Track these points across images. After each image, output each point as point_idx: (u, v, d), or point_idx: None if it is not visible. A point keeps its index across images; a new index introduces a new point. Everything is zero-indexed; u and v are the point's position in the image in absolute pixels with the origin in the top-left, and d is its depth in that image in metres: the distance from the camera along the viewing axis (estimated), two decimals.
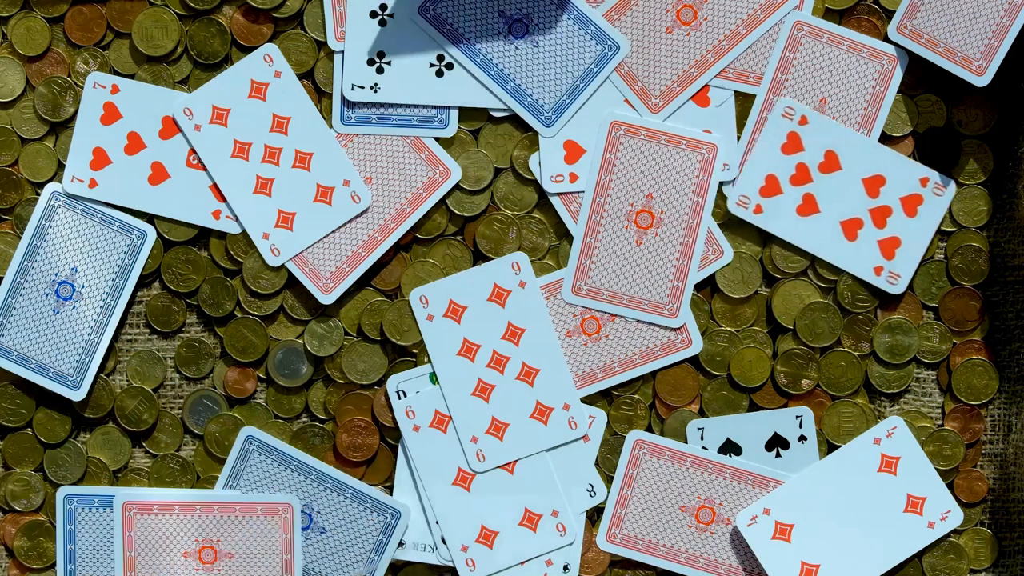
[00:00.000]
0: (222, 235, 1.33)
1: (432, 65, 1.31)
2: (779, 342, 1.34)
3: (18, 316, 1.32)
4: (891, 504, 1.32)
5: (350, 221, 1.32)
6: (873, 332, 1.33)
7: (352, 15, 1.31)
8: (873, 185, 1.31)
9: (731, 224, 1.33)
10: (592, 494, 1.33)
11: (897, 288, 1.32)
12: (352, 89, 1.31)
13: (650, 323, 1.32)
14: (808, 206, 1.31)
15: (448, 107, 1.32)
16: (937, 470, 1.32)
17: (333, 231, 1.32)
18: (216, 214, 1.33)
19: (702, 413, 1.34)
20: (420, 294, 1.32)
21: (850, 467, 1.32)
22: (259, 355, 1.34)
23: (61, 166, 1.33)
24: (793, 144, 1.30)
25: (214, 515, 1.33)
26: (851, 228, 1.31)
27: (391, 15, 1.31)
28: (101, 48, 1.33)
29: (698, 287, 1.33)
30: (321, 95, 1.33)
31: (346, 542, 1.34)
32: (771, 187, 1.31)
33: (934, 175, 1.31)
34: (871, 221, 1.31)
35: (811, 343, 1.33)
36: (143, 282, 1.35)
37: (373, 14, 1.31)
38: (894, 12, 1.30)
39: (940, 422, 1.35)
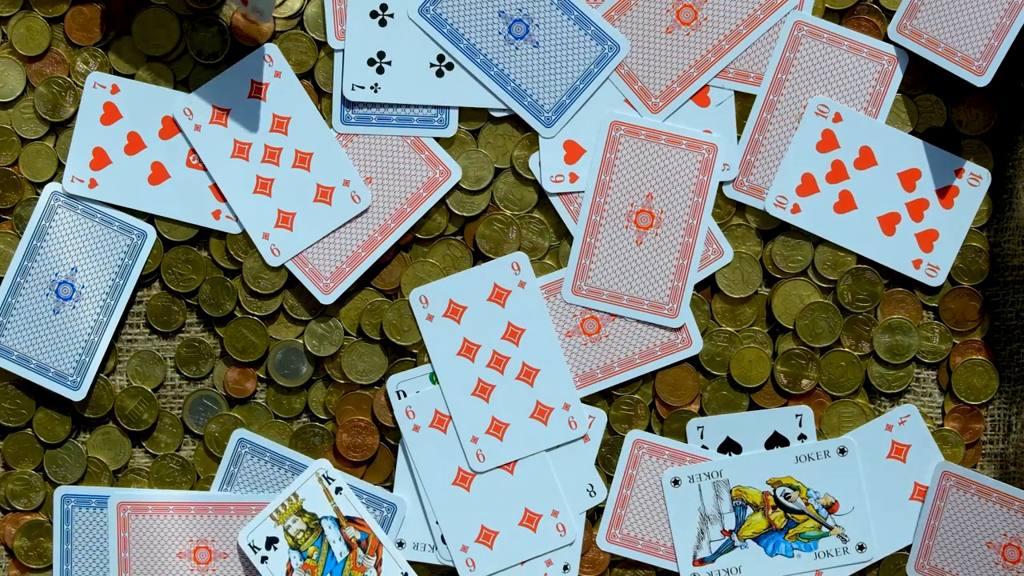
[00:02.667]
0: (222, 235, 1.33)
1: (432, 65, 1.31)
2: (779, 342, 1.34)
3: (18, 316, 1.32)
4: (897, 490, 1.32)
5: (350, 221, 1.32)
6: (873, 332, 1.33)
7: (352, 15, 1.31)
8: (909, 179, 1.31)
9: (730, 224, 1.33)
10: (592, 494, 1.33)
11: (936, 280, 1.32)
12: (352, 89, 1.31)
13: (650, 323, 1.32)
14: (845, 203, 1.31)
15: (448, 107, 1.32)
16: None
17: (333, 231, 1.32)
18: (216, 214, 1.32)
19: (702, 413, 1.34)
20: (420, 294, 1.32)
21: (860, 450, 1.32)
22: (259, 355, 1.34)
23: (61, 166, 1.33)
24: (828, 142, 1.31)
25: (208, 515, 1.33)
26: (889, 223, 1.31)
27: (391, 15, 1.31)
28: (101, 48, 1.33)
29: (698, 287, 1.33)
30: (321, 95, 1.33)
31: None
32: (808, 186, 1.31)
33: (969, 165, 1.31)
34: (908, 215, 1.31)
35: (811, 343, 1.33)
36: (143, 282, 1.35)
37: (373, 14, 1.31)
38: (894, 12, 1.30)
39: (940, 422, 1.35)
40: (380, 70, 1.31)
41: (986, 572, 1.31)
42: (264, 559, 1.31)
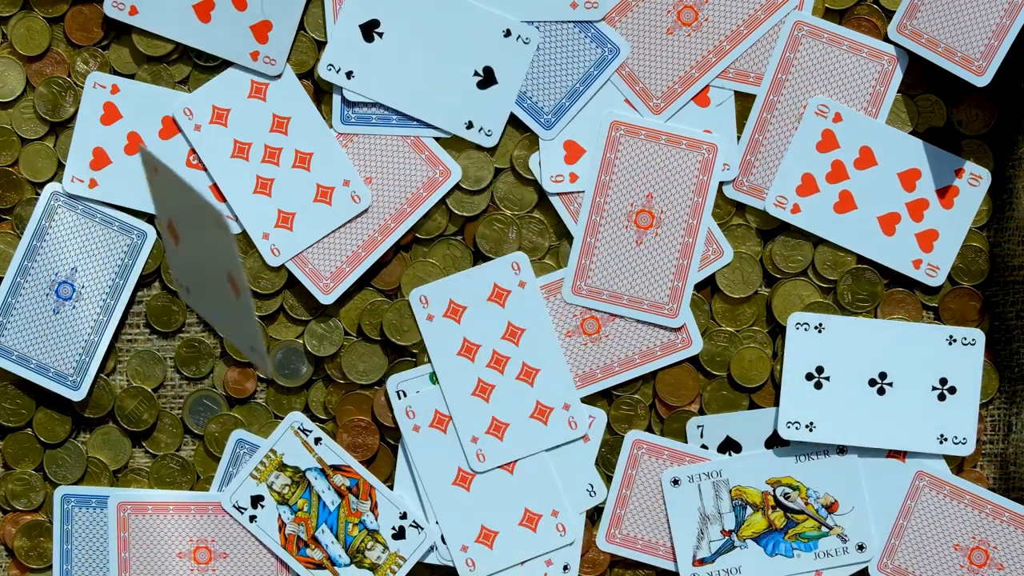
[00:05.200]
0: None
1: None
2: (779, 342, 1.34)
3: (18, 316, 1.32)
4: (897, 490, 1.32)
5: (350, 221, 1.32)
6: None
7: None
8: (909, 179, 1.31)
9: (730, 224, 1.33)
10: (592, 494, 1.33)
11: (936, 280, 1.32)
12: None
13: (650, 323, 1.32)
14: (845, 203, 1.31)
15: None
16: None
17: (333, 231, 1.32)
18: None
19: (702, 413, 1.34)
20: (420, 294, 1.32)
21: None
22: None
23: (61, 166, 1.33)
24: (828, 142, 1.31)
25: (208, 515, 1.33)
26: (889, 223, 1.31)
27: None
28: (101, 48, 1.33)
29: (698, 287, 1.33)
30: (321, 95, 1.33)
31: None
32: (808, 186, 1.31)
33: (969, 165, 1.31)
34: (908, 215, 1.31)
35: None
36: (143, 282, 1.35)
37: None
38: (894, 12, 1.30)
39: None
40: None
41: (951, 574, 1.31)
42: (253, 518, 1.31)
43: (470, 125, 1.30)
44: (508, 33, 1.29)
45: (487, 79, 1.30)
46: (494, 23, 1.29)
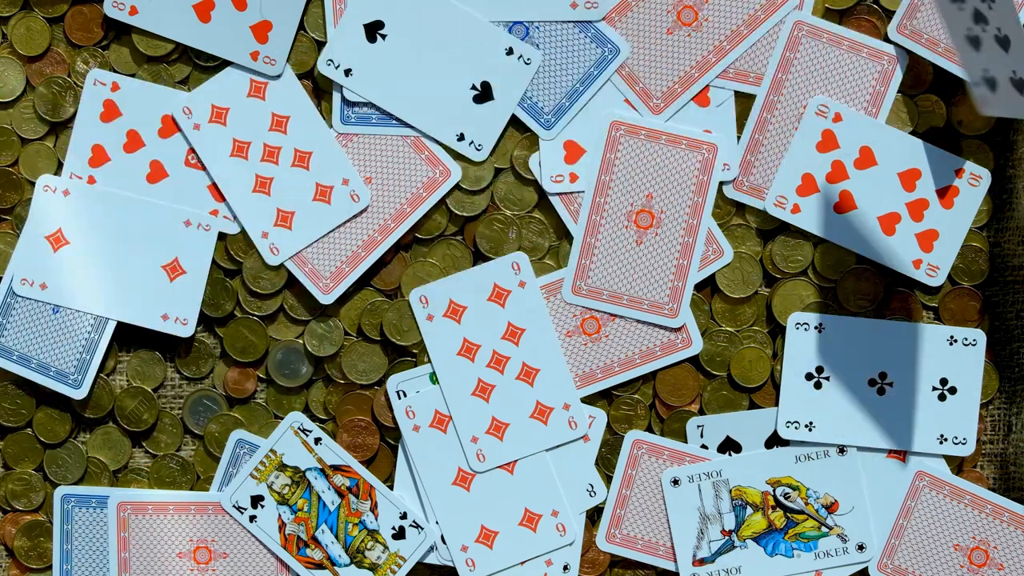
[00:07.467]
0: (222, 235, 1.33)
1: None
2: (779, 342, 1.34)
3: (18, 316, 1.32)
4: (897, 490, 1.32)
5: (349, 220, 1.32)
6: None
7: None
8: (909, 179, 1.31)
9: (730, 224, 1.33)
10: (592, 494, 1.33)
11: (936, 280, 1.32)
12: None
13: (650, 323, 1.32)
14: (845, 203, 1.31)
15: None
16: None
17: (332, 230, 1.32)
18: (214, 213, 1.32)
19: (702, 413, 1.34)
20: (420, 294, 1.32)
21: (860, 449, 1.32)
22: (259, 355, 1.34)
23: (61, 166, 1.33)
24: (828, 142, 1.31)
25: (208, 515, 1.33)
26: (889, 223, 1.31)
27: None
28: (101, 48, 1.33)
29: (698, 287, 1.33)
30: (321, 95, 1.33)
31: None
32: (808, 186, 1.31)
33: (969, 165, 1.31)
34: (908, 215, 1.31)
35: None
36: None
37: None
38: (894, 12, 1.30)
39: None
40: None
41: (951, 574, 1.31)
42: (252, 518, 1.31)
43: (461, 137, 1.30)
44: (511, 51, 1.29)
45: (484, 94, 1.30)
46: (498, 40, 1.29)
